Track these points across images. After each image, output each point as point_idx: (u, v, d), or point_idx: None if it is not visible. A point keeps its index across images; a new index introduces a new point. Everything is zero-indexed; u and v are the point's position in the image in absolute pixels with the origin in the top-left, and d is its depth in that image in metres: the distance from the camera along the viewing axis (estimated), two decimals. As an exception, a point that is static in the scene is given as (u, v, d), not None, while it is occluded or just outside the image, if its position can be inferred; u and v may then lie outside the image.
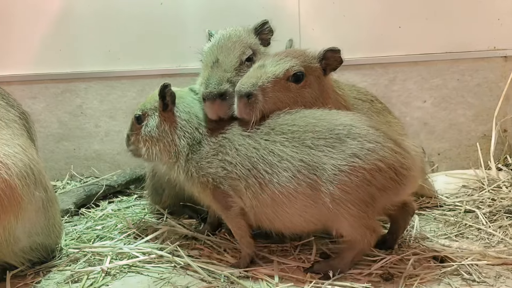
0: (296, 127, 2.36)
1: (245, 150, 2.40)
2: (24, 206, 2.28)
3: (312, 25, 3.85)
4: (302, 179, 2.26)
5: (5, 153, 2.26)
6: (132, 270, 2.43)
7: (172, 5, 3.86)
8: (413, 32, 3.84)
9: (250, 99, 2.39)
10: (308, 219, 2.33)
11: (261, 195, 2.34)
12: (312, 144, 2.29)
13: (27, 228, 2.35)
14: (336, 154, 2.23)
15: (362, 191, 2.20)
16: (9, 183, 2.21)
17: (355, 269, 2.32)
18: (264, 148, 2.37)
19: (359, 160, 2.20)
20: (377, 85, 3.88)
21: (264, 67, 2.47)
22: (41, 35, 3.90)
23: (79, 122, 4.00)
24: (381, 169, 2.21)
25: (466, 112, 3.95)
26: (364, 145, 2.23)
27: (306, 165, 2.26)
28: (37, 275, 2.43)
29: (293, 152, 2.30)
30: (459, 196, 3.35)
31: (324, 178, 2.22)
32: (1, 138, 2.31)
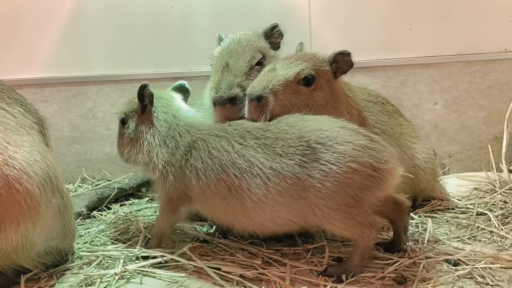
0: (270, 133, 2.38)
1: (217, 152, 2.42)
2: (42, 213, 2.29)
3: (322, 27, 3.85)
4: (272, 186, 2.27)
5: (26, 161, 2.26)
6: (145, 274, 2.43)
7: (182, 8, 3.87)
8: (424, 34, 3.83)
9: (260, 102, 2.41)
10: (281, 223, 2.36)
11: (230, 200, 2.37)
12: (283, 152, 2.29)
13: (43, 233, 2.36)
14: (308, 163, 2.23)
15: (342, 195, 2.19)
16: (30, 192, 2.22)
17: (368, 273, 2.31)
18: (237, 152, 2.38)
19: (332, 165, 2.19)
20: (388, 87, 3.87)
21: (275, 71, 2.48)
22: (52, 39, 3.92)
23: (91, 125, 4.01)
24: (356, 170, 2.19)
25: (477, 114, 3.94)
26: (335, 148, 2.21)
27: (277, 173, 2.27)
28: (51, 278, 2.43)
29: (263, 159, 2.31)
30: (471, 199, 3.34)
31: (300, 186, 2.23)
32: (22, 145, 2.31)
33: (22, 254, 2.28)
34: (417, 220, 2.96)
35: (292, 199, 2.26)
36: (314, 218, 2.26)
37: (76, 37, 3.93)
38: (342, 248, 2.62)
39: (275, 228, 2.40)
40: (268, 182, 2.28)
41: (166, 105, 2.69)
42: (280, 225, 2.38)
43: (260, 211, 2.32)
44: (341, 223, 2.23)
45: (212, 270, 2.38)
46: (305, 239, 2.73)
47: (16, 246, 2.23)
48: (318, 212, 2.22)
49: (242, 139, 2.41)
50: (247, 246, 2.66)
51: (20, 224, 2.21)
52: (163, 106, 2.68)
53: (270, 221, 2.35)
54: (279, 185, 2.26)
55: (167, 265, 2.51)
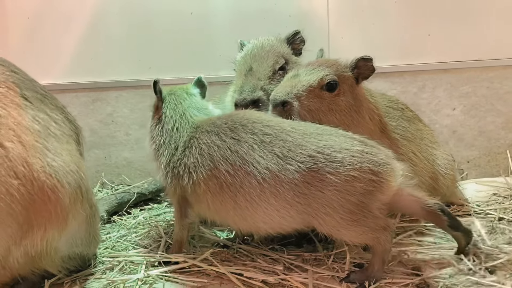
0: (270, 129, 2.32)
1: (208, 148, 2.38)
2: (69, 223, 2.30)
3: (341, 33, 3.86)
4: (267, 187, 2.23)
5: (62, 171, 2.26)
6: (167, 279, 2.44)
7: (202, 14, 3.90)
8: (443, 40, 3.83)
9: (285, 107, 2.43)
10: (275, 227, 2.33)
11: (222, 198, 2.33)
12: (281, 154, 2.24)
13: (69, 241, 2.38)
14: (307, 172, 2.19)
15: (345, 204, 2.16)
16: (61, 202, 2.22)
17: (393, 279, 2.30)
18: (229, 147, 2.33)
19: (331, 176, 2.16)
20: (406, 93, 3.87)
21: (298, 76, 2.50)
22: (72, 45, 3.96)
23: (110, 130, 4.04)
24: (356, 177, 2.15)
25: (496, 119, 3.92)
26: (333, 157, 2.18)
27: (273, 175, 2.23)
28: (74, 283, 2.44)
29: (260, 158, 2.27)
30: (490, 204, 3.32)
31: (298, 192, 2.20)
32: (61, 154, 2.31)
33: (46, 259, 2.29)
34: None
35: (288, 205, 2.23)
36: (321, 228, 2.24)
37: (96, 42, 3.97)
38: (363, 253, 2.61)
39: (269, 230, 2.36)
40: (263, 183, 2.23)
41: (176, 102, 2.66)
42: (273, 228, 2.34)
43: (254, 211, 2.28)
44: (350, 231, 2.21)
45: (234, 276, 2.38)
46: (326, 244, 2.73)
47: (40, 252, 2.24)
48: (323, 221, 2.20)
49: (233, 132, 2.36)
50: (268, 251, 2.65)
51: (47, 231, 2.21)
52: (173, 103, 2.66)
53: (263, 223, 2.32)
54: (274, 187, 2.22)
55: (189, 271, 2.51)
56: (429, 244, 2.71)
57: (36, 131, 2.26)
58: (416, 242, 2.74)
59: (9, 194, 2.04)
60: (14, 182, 2.05)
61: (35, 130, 2.25)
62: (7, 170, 2.04)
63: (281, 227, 2.33)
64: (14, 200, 2.05)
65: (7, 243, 2.11)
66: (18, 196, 2.07)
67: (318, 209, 2.19)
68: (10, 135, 2.11)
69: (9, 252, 2.15)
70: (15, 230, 2.11)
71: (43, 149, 2.23)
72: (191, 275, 2.47)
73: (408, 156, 2.87)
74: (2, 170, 2.02)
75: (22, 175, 2.08)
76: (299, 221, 2.29)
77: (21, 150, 2.12)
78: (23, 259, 2.21)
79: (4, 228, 2.07)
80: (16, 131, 2.15)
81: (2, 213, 2.04)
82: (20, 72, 2.43)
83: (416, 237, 2.79)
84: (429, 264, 2.44)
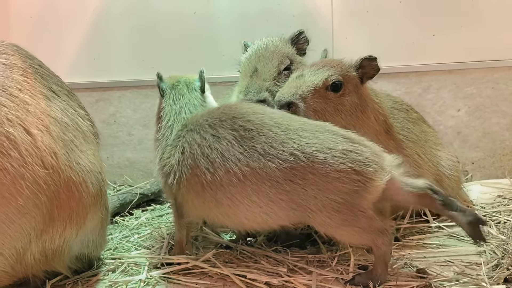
0: (250, 125, 2.27)
1: (189, 147, 2.35)
2: (87, 223, 2.31)
3: (345, 33, 3.84)
4: (248, 185, 2.19)
5: (88, 170, 2.27)
6: (170, 280, 2.42)
7: (205, 14, 3.90)
8: (447, 41, 3.81)
9: (291, 108, 2.42)
10: (260, 222, 2.29)
11: (204, 196, 2.30)
12: (263, 150, 2.20)
13: (82, 241, 2.38)
14: (288, 170, 2.15)
15: (329, 202, 2.12)
16: (83, 200, 2.23)
17: (398, 281, 2.28)
18: (209, 145, 2.28)
19: (312, 176, 2.13)
20: (411, 94, 3.85)
21: (303, 77, 2.49)
22: (75, 45, 3.95)
23: (112, 131, 4.03)
24: (338, 178, 2.11)
25: (501, 120, 3.90)
26: (314, 157, 2.13)
27: (254, 172, 2.19)
28: (76, 284, 2.42)
29: (240, 154, 2.22)
30: (495, 206, 3.30)
31: (281, 190, 2.17)
32: (86, 152, 2.32)
33: (58, 258, 2.28)
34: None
35: (271, 202, 2.19)
36: (314, 226, 2.24)
37: (99, 42, 3.96)
38: (368, 255, 2.59)
39: (254, 226, 2.34)
40: (244, 180, 2.19)
41: (175, 98, 2.64)
42: (258, 224, 2.31)
43: (236, 209, 2.25)
44: (343, 231, 2.18)
45: (237, 278, 2.37)
46: (330, 246, 2.71)
47: (56, 250, 2.24)
48: (312, 219, 2.18)
49: (213, 129, 2.32)
50: (272, 253, 2.63)
51: (67, 229, 2.21)
52: (172, 99, 2.64)
53: (247, 220, 2.28)
54: (256, 185, 2.18)
55: (192, 272, 2.49)
56: (434, 247, 2.69)
57: (64, 123, 2.25)
58: (421, 244, 2.72)
59: (36, 183, 2.02)
60: (42, 171, 2.04)
61: (64, 122, 2.25)
62: (34, 158, 2.02)
63: (266, 223, 2.29)
64: (40, 190, 2.04)
65: (29, 236, 2.09)
66: (45, 187, 2.05)
67: (303, 206, 2.16)
68: (38, 123, 2.10)
69: (28, 245, 2.12)
70: (38, 222, 2.09)
71: (70, 143, 2.23)
72: (194, 276, 2.45)
73: (413, 158, 2.85)
74: (29, 158, 2.00)
75: (50, 166, 2.07)
76: (285, 217, 2.25)
77: (49, 140, 2.11)
78: (38, 257, 2.19)
79: (29, 219, 2.05)
80: (44, 121, 2.14)
81: (29, 203, 2.02)
82: (45, 67, 2.45)
83: (421, 240, 2.77)
84: (434, 267, 2.42)
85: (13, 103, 2.06)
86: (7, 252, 2.07)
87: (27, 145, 2.01)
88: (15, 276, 2.19)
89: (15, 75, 2.17)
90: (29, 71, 2.26)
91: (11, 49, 2.32)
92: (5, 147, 1.96)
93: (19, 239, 2.07)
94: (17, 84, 2.14)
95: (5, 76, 2.13)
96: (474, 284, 2.21)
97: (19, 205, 2.00)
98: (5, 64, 2.19)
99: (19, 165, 1.98)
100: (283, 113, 2.37)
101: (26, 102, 2.11)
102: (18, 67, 2.23)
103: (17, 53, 2.31)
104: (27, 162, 2.00)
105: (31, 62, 2.34)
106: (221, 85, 3.57)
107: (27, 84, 2.19)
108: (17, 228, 2.04)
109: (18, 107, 2.06)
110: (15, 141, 1.98)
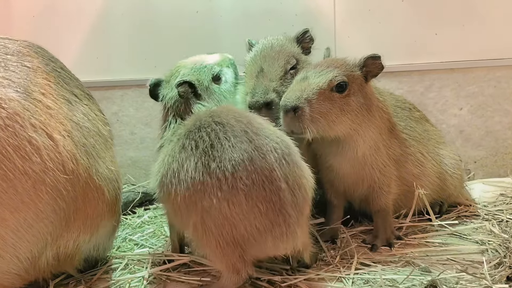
0: (201, 140, 2.17)
1: (163, 155, 2.31)
2: (100, 230, 2.33)
3: (347, 32, 3.84)
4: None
5: (106, 177, 2.28)
6: (172, 278, 2.43)
7: (207, 13, 3.89)
8: (450, 39, 3.81)
9: (297, 113, 2.39)
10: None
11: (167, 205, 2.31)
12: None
13: (94, 246, 2.40)
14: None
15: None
16: (99, 208, 2.25)
17: (400, 279, 2.29)
18: (174, 155, 2.21)
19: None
20: (413, 92, 3.85)
21: (307, 79, 2.47)
22: (78, 44, 3.95)
23: (115, 130, 4.01)
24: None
25: (503, 119, 3.90)
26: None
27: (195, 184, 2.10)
28: (79, 283, 2.42)
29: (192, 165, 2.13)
30: (498, 205, 3.30)
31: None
32: (104, 158, 2.32)
33: (69, 262, 2.29)
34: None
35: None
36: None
37: (101, 41, 3.96)
38: (370, 254, 2.60)
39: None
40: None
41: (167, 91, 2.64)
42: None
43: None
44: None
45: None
46: (332, 244, 2.73)
47: (69, 255, 2.24)
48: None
49: (179, 140, 2.24)
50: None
51: (81, 235, 2.23)
52: (166, 91, 2.68)
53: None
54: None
55: (193, 270, 2.50)
56: (437, 245, 2.69)
57: (86, 128, 2.25)
58: (424, 243, 2.72)
59: (56, 188, 2.02)
60: (62, 177, 2.03)
61: (85, 127, 2.25)
62: (56, 163, 2.02)
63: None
64: (60, 196, 2.04)
65: (45, 241, 2.09)
66: (65, 192, 2.05)
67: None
68: (61, 128, 2.10)
69: (44, 250, 2.12)
70: (55, 227, 2.09)
71: (91, 149, 2.23)
72: (196, 274, 2.46)
73: (416, 157, 2.86)
74: (50, 163, 2.00)
75: (70, 171, 2.07)
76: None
77: (71, 145, 2.11)
78: (51, 261, 2.19)
79: (46, 224, 2.05)
80: (66, 126, 2.13)
81: (48, 208, 2.02)
82: (67, 70, 2.46)
83: (423, 238, 2.77)
84: (437, 266, 2.43)
85: (36, 107, 2.05)
86: (23, 256, 2.06)
87: (49, 150, 2.01)
88: (27, 279, 2.18)
89: (38, 79, 2.17)
90: (52, 75, 2.26)
91: (35, 50, 2.32)
92: (27, 152, 1.95)
93: (36, 243, 2.06)
94: (40, 88, 2.14)
95: (29, 79, 2.12)
96: (477, 283, 2.21)
97: (38, 210, 1.99)
98: (29, 68, 2.18)
99: (40, 170, 1.97)
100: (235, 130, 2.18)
101: (49, 106, 2.11)
102: (42, 71, 2.22)
103: (40, 55, 2.31)
104: (48, 168, 1.99)
105: (54, 65, 2.34)
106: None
107: (49, 88, 2.19)
108: (34, 233, 2.03)
109: (41, 112, 2.06)
110: (37, 146, 1.98)
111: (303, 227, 2.18)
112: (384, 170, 2.69)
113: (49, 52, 2.43)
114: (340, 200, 2.86)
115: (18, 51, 2.24)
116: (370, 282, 2.30)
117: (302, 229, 2.17)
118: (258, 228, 2.05)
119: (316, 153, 2.74)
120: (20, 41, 2.34)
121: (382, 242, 2.70)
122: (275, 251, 2.17)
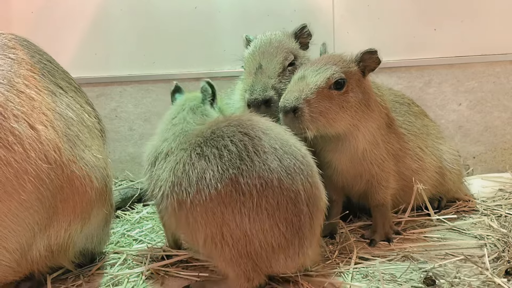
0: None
1: (171, 164, 2.22)
2: (92, 218, 2.32)
3: (346, 28, 3.84)
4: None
5: (92, 165, 2.28)
6: (170, 274, 2.43)
7: (206, 9, 3.89)
8: (449, 35, 3.81)
9: (296, 113, 2.38)
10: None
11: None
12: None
13: (86, 237, 2.40)
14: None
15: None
16: (88, 195, 2.24)
17: (399, 273, 2.29)
18: (191, 162, 2.13)
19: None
20: (412, 88, 3.85)
21: (305, 78, 2.46)
22: (76, 40, 3.95)
23: (114, 125, 4.03)
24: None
25: (502, 115, 3.90)
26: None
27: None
28: (78, 278, 2.43)
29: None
30: (496, 200, 3.30)
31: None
32: (91, 147, 2.32)
33: (63, 254, 2.29)
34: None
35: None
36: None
37: (100, 38, 3.96)
38: (369, 248, 2.60)
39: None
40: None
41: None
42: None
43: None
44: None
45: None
46: (331, 239, 2.73)
47: (61, 245, 2.25)
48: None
49: (200, 147, 2.15)
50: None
51: (72, 224, 2.23)
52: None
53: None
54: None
55: (192, 265, 2.50)
56: (435, 240, 2.69)
57: (70, 118, 2.25)
58: (422, 238, 2.72)
59: (39, 177, 2.03)
60: (44, 166, 2.04)
61: (69, 117, 2.25)
62: (38, 153, 2.03)
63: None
64: (43, 185, 2.05)
65: (32, 230, 2.10)
66: (48, 181, 2.06)
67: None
68: (43, 119, 2.11)
69: (33, 240, 2.13)
70: (42, 216, 2.10)
71: (75, 138, 2.23)
72: (195, 270, 2.46)
73: (415, 152, 2.86)
74: (32, 152, 2.01)
75: (53, 160, 2.08)
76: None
77: (53, 135, 2.11)
78: (44, 252, 2.20)
79: (32, 213, 2.05)
80: (49, 116, 2.14)
81: (31, 197, 2.03)
82: (54, 62, 2.45)
83: (422, 233, 2.77)
84: (435, 260, 2.43)
85: (19, 98, 2.07)
86: (11, 246, 2.07)
87: (31, 140, 2.02)
88: (20, 272, 2.19)
89: (22, 71, 2.18)
90: (36, 67, 2.27)
91: (21, 43, 2.33)
92: (9, 142, 1.97)
93: (22, 233, 2.07)
94: (24, 79, 2.15)
95: (13, 71, 2.14)
96: (475, 277, 2.22)
97: (22, 199, 2.00)
98: (13, 59, 2.19)
99: (23, 160, 1.99)
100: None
101: (32, 97, 2.12)
102: (26, 62, 2.23)
103: (25, 48, 2.32)
104: (30, 157, 2.00)
105: (40, 57, 2.35)
106: (222, 79, 3.57)
107: (33, 79, 2.20)
108: (20, 223, 2.04)
109: (24, 103, 2.07)
110: (19, 136, 1.99)
111: (315, 248, 2.18)
112: (383, 165, 2.69)
113: (36, 45, 2.43)
114: (339, 195, 2.86)
115: (3, 43, 2.25)
116: (369, 276, 2.30)
117: (314, 250, 2.17)
118: (273, 246, 2.04)
119: (314, 148, 2.74)
120: (6, 34, 2.34)
121: (380, 237, 2.70)
122: (284, 269, 2.15)
